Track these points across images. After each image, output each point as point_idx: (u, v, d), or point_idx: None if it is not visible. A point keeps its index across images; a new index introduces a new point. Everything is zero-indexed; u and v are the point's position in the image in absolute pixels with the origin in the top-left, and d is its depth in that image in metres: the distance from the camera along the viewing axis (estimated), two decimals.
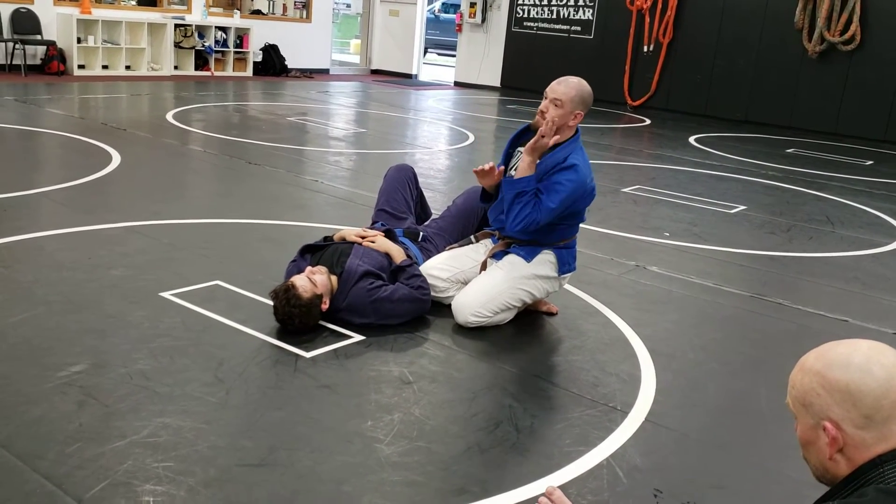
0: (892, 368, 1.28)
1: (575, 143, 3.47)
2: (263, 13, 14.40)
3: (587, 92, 3.45)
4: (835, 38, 11.21)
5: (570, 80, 3.45)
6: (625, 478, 2.43)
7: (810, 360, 1.35)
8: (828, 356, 1.32)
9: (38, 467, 2.22)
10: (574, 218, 3.56)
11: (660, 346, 3.47)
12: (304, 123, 9.22)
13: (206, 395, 2.69)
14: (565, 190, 3.36)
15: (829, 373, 1.30)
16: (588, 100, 3.46)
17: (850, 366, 1.29)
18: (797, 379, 1.35)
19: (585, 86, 3.47)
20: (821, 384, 1.30)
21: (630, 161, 8.39)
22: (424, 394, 2.86)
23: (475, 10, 14.77)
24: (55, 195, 5.11)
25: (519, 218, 3.39)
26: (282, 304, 3.20)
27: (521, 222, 3.39)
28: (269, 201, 5.45)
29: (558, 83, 3.42)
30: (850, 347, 1.32)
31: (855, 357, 1.30)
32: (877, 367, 1.28)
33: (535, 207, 3.37)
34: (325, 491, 2.24)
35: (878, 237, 5.75)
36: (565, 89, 3.40)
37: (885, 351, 1.30)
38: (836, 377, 1.29)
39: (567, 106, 3.39)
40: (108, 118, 8.31)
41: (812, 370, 1.33)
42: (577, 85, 3.43)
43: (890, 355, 1.29)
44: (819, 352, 1.35)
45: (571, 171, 3.38)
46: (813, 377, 1.32)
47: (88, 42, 11.73)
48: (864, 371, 1.27)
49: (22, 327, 3.11)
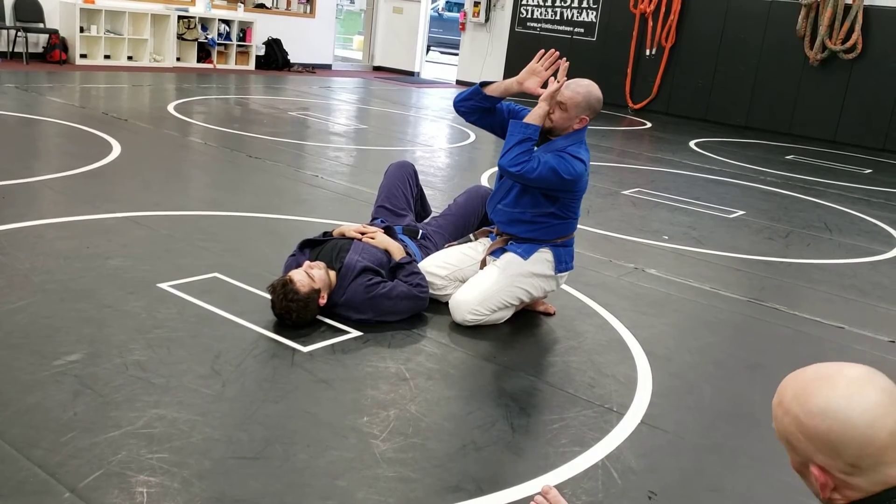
0: (873, 410, 1.17)
1: (579, 136, 3.44)
2: (267, 7, 14.38)
3: (595, 98, 3.40)
4: (836, 46, 11.22)
5: (580, 84, 3.39)
6: (619, 479, 2.43)
7: (788, 398, 1.25)
8: (805, 399, 1.22)
9: (31, 455, 2.21)
10: (568, 211, 3.51)
11: (656, 348, 3.47)
12: (305, 118, 9.21)
13: (202, 388, 2.69)
14: (566, 161, 3.31)
15: (807, 420, 1.20)
16: (595, 105, 3.41)
17: (828, 413, 1.18)
18: (778, 415, 1.27)
19: (595, 91, 3.41)
20: (800, 431, 1.22)
21: (630, 164, 8.39)
22: (421, 391, 2.86)
23: (479, 10, 14.77)
24: (55, 183, 5.10)
25: (515, 157, 3.27)
26: (279, 298, 3.19)
27: (517, 165, 3.27)
28: (269, 195, 5.44)
29: (567, 86, 3.37)
30: (828, 387, 1.20)
31: (833, 400, 1.19)
32: (857, 413, 1.17)
33: (532, 157, 3.29)
34: (319, 485, 2.24)
35: (876, 245, 5.76)
36: (572, 94, 3.36)
37: (866, 388, 1.19)
38: (814, 425, 1.19)
39: (571, 111, 3.37)
40: (110, 108, 8.30)
41: (790, 413, 1.23)
42: (585, 90, 3.37)
43: (871, 393, 1.18)
44: (797, 389, 1.24)
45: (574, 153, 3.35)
46: (792, 421, 1.23)
47: (91, 31, 11.71)
48: (843, 419, 1.17)
49: (19, 315, 3.11)
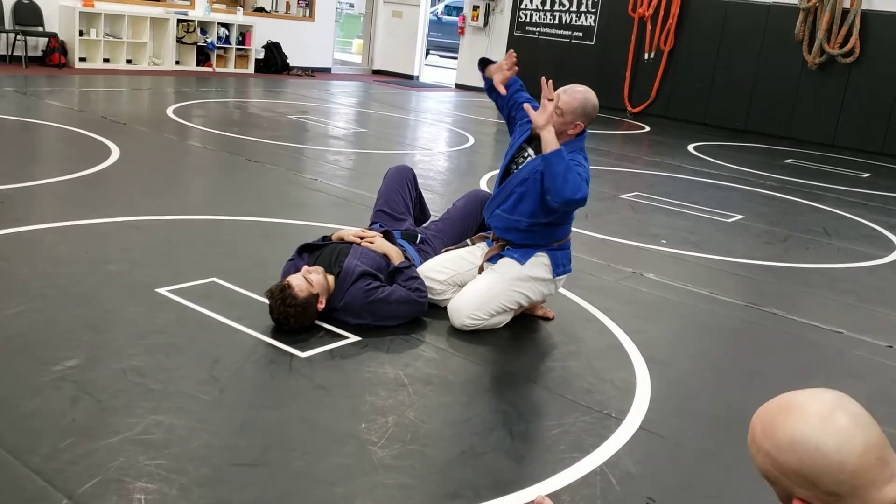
0: (839, 436, 1.15)
1: (579, 144, 3.45)
2: (266, 10, 14.39)
3: (591, 104, 3.41)
4: (834, 50, 11.24)
5: (577, 90, 3.40)
6: (618, 485, 2.43)
7: (758, 435, 1.23)
8: (773, 433, 1.20)
9: (29, 462, 2.21)
10: (564, 217, 3.52)
11: (655, 353, 3.47)
12: (304, 122, 9.22)
13: (200, 394, 2.69)
14: (584, 171, 3.31)
15: (778, 456, 1.19)
16: (591, 112, 3.42)
17: (795, 445, 1.17)
18: (752, 452, 1.25)
19: (591, 97, 3.42)
20: (774, 467, 1.20)
21: (628, 168, 8.40)
22: (419, 396, 2.86)
23: (478, 14, 14.78)
24: (54, 188, 5.10)
25: (573, 186, 3.17)
26: (277, 303, 3.19)
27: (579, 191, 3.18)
28: (267, 199, 5.44)
29: (564, 91, 3.39)
30: (794, 420, 1.18)
31: (798, 431, 1.17)
32: (823, 441, 1.15)
33: (575, 176, 3.21)
34: (317, 492, 2.24)
35: (874, 250, 5.76)
36: (568, 100, 3.37)
37: (833, 413, 1.17)
38: (785, 460, 1.18)
39: (567, 116, 3.38)
40: (109, 112, 8.30)
41: (762, 450, 1.22)
42: (581, 96, 3.39)
43: (838, 419, 1.16)
44: (764, 424, 1.22)
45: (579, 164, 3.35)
46: (764, 458, 1.22)
47: (90, 35, 11.71)
48: (812, 450, 1.15)
49: (17, 320, 3.10)
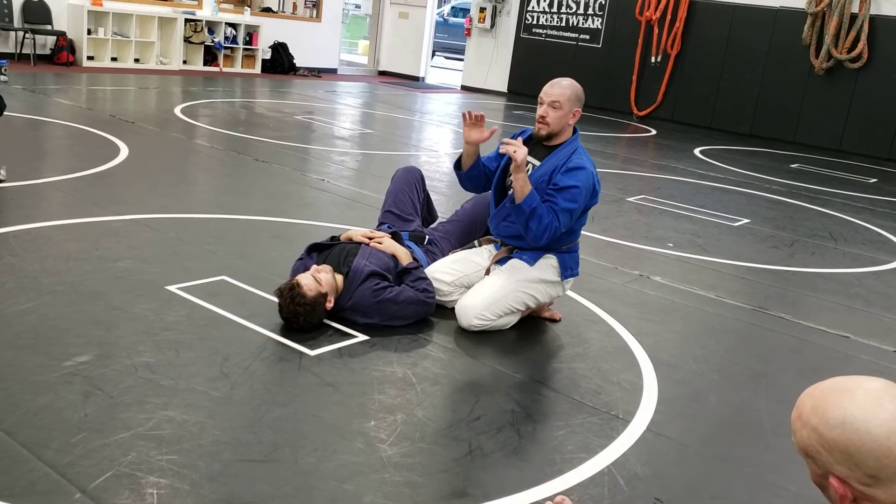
0: (891, 422, 1.19)
1: (575, 143, 3.52)
2: (274, 11, 14.43)
3: (580, 89, 3.55)
4: (842, 55, 11.24)
5: (563, 81, 3.53)
6: (625, 486, 2.45)
7: (807, 411, 1.26)
8: (824, 410, 1.24)
9: (42, 456, 2.23)
10: (577, 222, 3.57)
11: (662, 356, 3.48)
12: (310, 122, 9.24)
13: (211, 390, 2.71)
14: (579, 193, 3.39)
15: (826, 432, 1.23)
16: (582, 97, 3.55)
17: (846, 424, 1.21)
18: (796, 428, 1.29)
19: (576, 84, 3.56)
20: (819, 442, 1.24)
21: (635, 171, 8.41)
22: (427, 395, 2.87)
23: (485, 15, 14.80)
24: (63, 185, 5.12)
25: (540, 231, 3.36)
26: (286, 302, 3.21)
27: (544, 234, 3.37)
28: (275, 199, 5.46)
29: (551, 86, 3.49)
30: (847, 400, 1.23)
31: (851, 412, 1.21)
32: (875, 424, 1.19)
33: (552, 216, 3.36)
34: (327, 489, 2.25)
35: (881, 255, 5.77)
36: (560, 90, 3.47)
37: (883, 399, 1.21)
38: (833, 438, 1.22)
39: (565, 106, 3.46)
40: (117, 110, 8.33)
41: (809, 424, 1.25)
42: (570, 84, 3.51)
43: (889, 406, 1.20)
44: (815, 401, 1.26)
45: (580, 172, 3.42)
46: (811, 433, 1.25)
47: (98, 34, 11.75)
48: (862, 431, 1.19)
49: (28, 316, 3.13)
